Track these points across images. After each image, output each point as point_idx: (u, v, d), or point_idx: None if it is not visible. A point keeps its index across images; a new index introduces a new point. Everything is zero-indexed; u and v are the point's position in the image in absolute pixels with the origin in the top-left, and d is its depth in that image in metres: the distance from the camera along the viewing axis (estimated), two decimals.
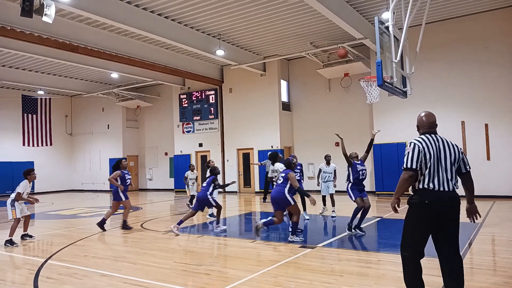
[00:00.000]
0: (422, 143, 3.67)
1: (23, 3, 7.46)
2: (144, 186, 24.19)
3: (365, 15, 13.18)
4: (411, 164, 3.63)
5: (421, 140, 3.71)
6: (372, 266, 5.50)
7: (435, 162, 3.63)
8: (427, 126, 3.82)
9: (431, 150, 3.64)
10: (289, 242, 7.17)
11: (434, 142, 3.68)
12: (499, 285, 4.50)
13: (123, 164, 9.27)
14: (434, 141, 3.69)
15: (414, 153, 3.65)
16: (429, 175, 3.62)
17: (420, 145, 3.66)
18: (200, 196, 8.77)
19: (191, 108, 20.79)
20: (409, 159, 3.65)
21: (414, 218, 3.68)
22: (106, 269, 5.76)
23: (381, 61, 6.41)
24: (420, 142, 3.69)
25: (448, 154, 3.67)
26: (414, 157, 3.63)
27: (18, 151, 22.55)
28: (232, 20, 13.22)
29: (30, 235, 8.40)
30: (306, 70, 18.27)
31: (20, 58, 16.67)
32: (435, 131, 3.81)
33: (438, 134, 3.79)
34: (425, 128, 3.82)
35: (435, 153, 3.64)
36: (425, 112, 3.89)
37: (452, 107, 14.09)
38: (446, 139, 3.76)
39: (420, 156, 3.63)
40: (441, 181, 3.61)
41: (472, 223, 4.41)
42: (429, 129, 3.80)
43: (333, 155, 16.43)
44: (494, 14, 13.49)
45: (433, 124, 3.82)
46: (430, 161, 3.62)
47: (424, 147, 3.65)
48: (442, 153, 3.66)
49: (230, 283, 4.88)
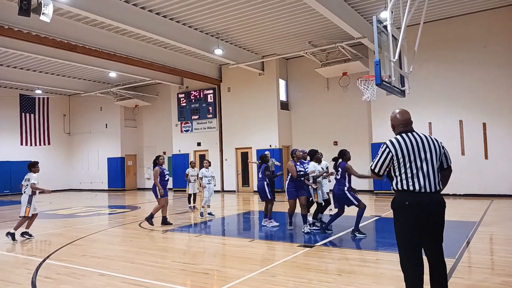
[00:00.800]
0: (396, 146, 3.47)
1: (21, 2, 7.44)
2: (143, 186, 24.16)
3: (364, 14, 13.18)
4: (378, 169, 3.57)
5: (395, 142, 3.50)
6: (371, 265, 5.50)
7: (413, 162, 3.41)
8: (403, 124, 3.62)
9: (406, 151, 3.43)
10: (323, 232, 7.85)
11: (410, 142, 3.46)
12: (497, 284, 4.51)
13: (160, 161, 9.53)
14: (410, 141, 3.47)
15: (382, 157, 3.53)
16: (407, 177, 3.42)
17: (393, 150, 3.47)
18: (258, 186, 8.97)
19: (189, 107, 20.77)
20: (377, 163, 3.57)
21: (400, 225, 3.48)
22: (105, 268, 5.75)
23: (379, 60, 6.42)
24: (393, 145, 3.49)
25: (429, 151, 3.44)
26: (383, 163, 3.53)
27: (16, 151, 22.49)
28: (231, 19, 13.21)
29: (30, 234, 8.48)
30: (305, 69, 18.28)
31: (18, 57, 16.62)
32: (412, 129, 3.61)
33: (415, 132, 3.57)
34: (401, 127, 3.62)
35: (412, 153, 3.42)
36: (399, 110, 3.71)
37: (450, 106, 14.12)
38: (425, 135, 3.54)
39: (389, 162, 3.50)
40: (423, 182, 3.38)
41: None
42: (405, 128, 3.60)
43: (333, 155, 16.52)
44: (492, 14, 13.51)
45: (408, 121, 3.63)
46: (405, 164, 3.43)
47: (398, 150, 3.45)
48: (421, 151, 3.43)
49: (229, 282, 4.88)
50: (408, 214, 3.40)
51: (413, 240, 3.41)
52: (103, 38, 13.91)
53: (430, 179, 3.40)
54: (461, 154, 13.90)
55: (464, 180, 13.79)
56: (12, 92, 22.20)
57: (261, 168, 9.07)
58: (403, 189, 3.44)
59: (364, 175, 7.72)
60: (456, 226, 8.50)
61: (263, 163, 9.11)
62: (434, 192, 3.40)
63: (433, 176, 3.42)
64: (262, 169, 8.99)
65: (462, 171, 13.79)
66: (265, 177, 8.93)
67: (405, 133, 3.56)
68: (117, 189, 23.45)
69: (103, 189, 24.06)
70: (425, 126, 14.46)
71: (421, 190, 3.38)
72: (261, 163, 9.18)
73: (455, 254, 5.83)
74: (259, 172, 9.12)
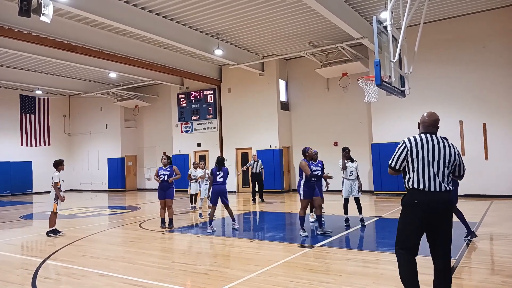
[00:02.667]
0: (412, 143, 3.68)
1: (21, 3, 7.45)
2: (143, 186, 24.16)
3: (364, 14, 13.19)
4: (395, 163, 3.77)
5: (412, 139, 3.71)
6: (371, 266, 5.50)
7: (425, 163, 3.61)
8: (427, 124, 3.78)
9: (420, 151, 3.63)
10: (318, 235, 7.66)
11: (427, 143, 3.64)
12: (497, 284, 4.51)
13: (162, 160, 9.50)
14: (427, 141, 3.65)
15: (399, 152, 3.74)
16: (418, 175, 3.62)
17: (409, 145, 3.68)
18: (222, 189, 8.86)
19: (189, 108, 20.77)
20: (395, 158, 3.77)
21: (405, 217, 3.73)
22: (105, 269, 5.75)
23: (380, 60, 6.42)
24: (410, 141, 3.70)
25: (443, 156, 3.62)
26: (400, 158, 3.73)
27: (16, 151, 22.51)
28: (231, 20, 13.21)
29: (59, 230, 8.82)
30: (305, 69, 18.28)
31: (18, 58, 16.62)
32: (435, 131, 3.77)
33: (436, 135, 3.75)
34: (425, 126, 3.79)
35: (425, 153, 3.62)
36: (429, 112, 3.84)
37: (450, 107, 14.11)
38: (444, 141, 3.71)
39: (403, 155, 3.70)
40: (431, 182, 3.58)
41: None
42: (428, 128, 3.77)
43: (333, 155, 16.56)
44: (492, 14, 13.51)
45: (433, 123, 3.77)
46: (418, 161, 3.62)
47: (413, 147, 3.65)
48: (436, 154, 3.61)
49: (229, 282, 4.88)
50: (416, 212, 3.61)
51: (415, 236, 3.65)
52: (103, 39, 13.91)
53: (439, 180, 3.58)
54: (461, 155, 13.88)
55: (464, 180, 13.61)
56: (12, 92, 22.21)
57: (222, 171, 8.72)
58: (413, 187, 3.64)
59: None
60: (456, 227, 8.45)
61: (223, 166, 8.84)
62: (442, 191, 3.57)
63: (442, 177, 3.59)
64: (224, 172, 8.76)
65: None
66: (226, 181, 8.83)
67: (424, 134, 3.74)
68: (117, 189, 23.45)
69: (103, 189, 24.06)
70: None
71: (430, 189, 3.57)
72: (219, 167, 8.75)
73: (455, 254, 5.83)
74: (217, 176, 8.69)
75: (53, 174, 8.62)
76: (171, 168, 9.33)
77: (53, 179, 8.58)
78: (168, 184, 9.24)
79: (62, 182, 8.79)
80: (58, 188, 8.55)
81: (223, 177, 8.76)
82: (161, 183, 9.24)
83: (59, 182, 8.61)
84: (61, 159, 9.05)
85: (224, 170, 8.80)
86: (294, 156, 18.84)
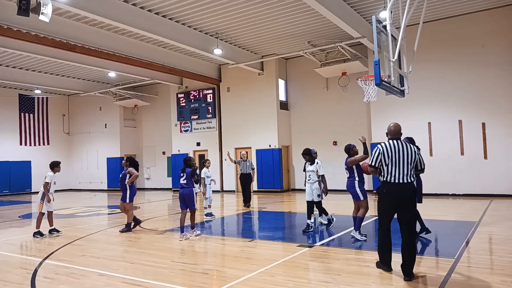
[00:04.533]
0: (384, 148, 4.94)
1: (20, 2, 7.44)
2: (142, 186, 24.15)
3: (363, 14, 13.19)
4: (374, 163, 5.01)
5: (383, 145, 4.97)
6: (370, 265, 5.50)
7: (394, 162, 4.85)
8: (393, 133, 5.04)
9: (390, 153, 4.88)
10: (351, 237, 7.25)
11: (395, 147, 4.90)
12: (496, 284, 4.51)
13: (123, 163, 9.15)
14: (395, 146, 4.90)
15: (377, 156, 4.98)
16: (389, 171, 4.88)
17: (382, 150, 4.94)
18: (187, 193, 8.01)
19: (188, 107, 20.76)
20: (373, 160, 5.02)
21: (381, 204, 5.08)
22: (104, 268, 5.75)
23: (379, 60, 6.41)
24: (382, 147, 4.96)
25: (406, 156, 4.85)
26: (377, 159, 4.97)
27: (15, 151, 22.49)
28: (230, 19, 13.21)
29: (58, 230, 8.75)
30: (304, 69, 18.28)
31: (17, 57, 16.60)
32: (399, 137, 5.03)
33: (400, 140, 5.00)
34: (391, 134, 5.05)
35: (394, 155, 4.86)
36: (393, 123, 5.08)
37: (450, 106, 14.12)
38: (406, 143, 4.97)
39: (380, 157, 4.94)
40: (399, 175, 4.83)
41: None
42: (394, 136, 5.03)
43: (332, 155, 16.58)
44: (491, 14, 13.52)
45: (397, 132, 5.04)
46: (389, 161, 4.87)
47: (385, 151, 4.91)
48: (401, 154, 4.85)
49: (228, 282, 4.88)
50: (387, 199, 4.95)
51: (387, 216, 4.99)
52: (102, 38, 13.89)
53: (405, 174, 4.84)
54: (461, 154, 13.91)
55: (463, 180, 13.80)
56: (11, 92, 22.17)
57: (185, 173, 7.96)
58: (386, 181, 4.93)
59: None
60: (455, 226, 8.51)
61: (187, 167, 8.01)
62: (406, 183, 4.83)
63: (407, 172, 4.84)
64: (187, 175, 7.93)
65: (461, 171, 13.81)
66: (193, 183, 8.04)
67: (392, 140, 5.00)
68: (117, 189, 23.37)
69: (103, 189, 24.05)
70: (424, 126, 14.47)
71: (399, 181, 4.83)
72: (183, 168, 8.07)
73: (454, 254, 5.84)
74: (181, 177, 7.99)
75: (47, 174, 8.51)
76: (125, 171, 8.85)
77: (45, 179, 8.47)
78: (123, 186, 8.79)
79: (53, 184, 8.55)
80: (47, 189, 8.42)
81: (187, 179, 7.94)
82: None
83: (50, 183, 8.46)
84: (58, 160, 8.85)
85: (187, 172, 7.95)
86: (293, 155, 18.85)
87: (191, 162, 8.11)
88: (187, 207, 8.01)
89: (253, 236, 8.23)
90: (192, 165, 8.09)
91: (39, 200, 8.49)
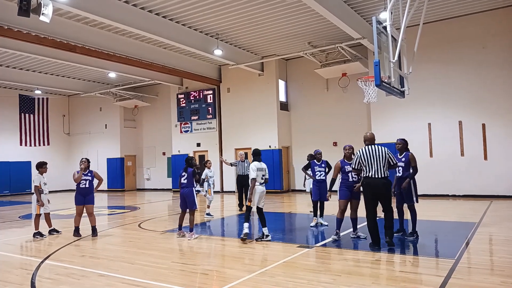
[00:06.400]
0: (361, 153, 6.49)
1: (20, 2, 7.45)
2: (142, 186, 24.16)
3: (363, 15, 13.19)
4: (355, 166, 6.61)
5: (361, 151, 6.51)
6: (370, 266, 5.50)
7: (371, 162, 6.38)
8: (368, 140, 6.57)
9: (367, 156, 6.41)
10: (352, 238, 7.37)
11: (370, 151, 6.43)
12: (496, 285, 4.51)
13: (82, 163, 8.43)
14: (370, 150, 6.43)
15: (356, 159, 6.54)
16: (368, 169, 6.40)
17: (360, 155, 6.49)
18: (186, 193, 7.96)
19: (189, 108, 20.77)
20: (354, 163, 6.62)
21: (364, 194, 6.51)
22: (104, 269, 5.74)
23: (379, 61, 6.43)
24: (360, 152, 6.51)
25: (378, 157, 6.37)
26: (357, 162, 6.54)
27: (16, 151, 22.49)
28: (230, 20, 13.22)
29: (57, 230, 8.77)
30: (304, 70, 18.29)
31: (17, 58, 16.61)
32: (373, 143, 6.53)
33: (374, 145, 6.50)
34: (368, 141, 6.57)
35: (369, 157, 6.39)
36: (369, 132, 6.65)
37: (450, 107, 14.13)
38: (379, 147, 6.43)
39: (358, 161, 6.51)
40: (375, 172, 6.35)
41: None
42: (369, 142, 6.56)
43: (332, 155, 16.53)
44: (491, 14, 13.53)
45: (371, 139, 6.56)
46: (366, 162, 6.42)
47: (363, 155, 6.46)
48: (375, 156, 6.38)
49: (228, 283, 4.88)
50: (367, 190, 6.46)
51: (371, 203, 6.45)
52: (103, 39, 13.91)
53: (379, 170, 6.36)
54: (461, 155, 13.91)
55: (463, 180, 13.80)
56: (12, 92, 22.19)
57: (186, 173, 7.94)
58: (366, 176, 6.44)
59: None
60: (455, 227, 8.51)
61: (189, 167, 8.00)
62: (380, 177, 6.33)
63: (380, 169, 6.36)
64: (189, 174, 7.93)
65: (461, 171, 13.81)
66: (193, 183, 7.99)
67: (368, 146, 6.53)
68: (117, 189, 23.44)
69: (103, 189, 24.03)
70: (424, 126, 14.47)
71: (375, 176, 6.35)
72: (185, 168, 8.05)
73: (454, 254, 5.83)
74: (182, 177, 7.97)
75: (34, 176, 8.42)
76: (91, 173, 8.46)
77: (33, 182, 8.39)
78: (89, 189, 8.40)
79: (44, 184, 8.46)
80: (38, 192, 8.34)
81: (187, 179, 7.93)
82: (81, 189, 8.32)
83: (39, 185, 8.36)
84: (43, 161, 8.71)
85: (189, 172, 7.96)
86: (293, 156, 18.85)
87: (193, 162, 8.15)
88: (187, 207, 8.03)
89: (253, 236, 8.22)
90: (193, 165, 8.14)
91: (35, 202, 8.43)
